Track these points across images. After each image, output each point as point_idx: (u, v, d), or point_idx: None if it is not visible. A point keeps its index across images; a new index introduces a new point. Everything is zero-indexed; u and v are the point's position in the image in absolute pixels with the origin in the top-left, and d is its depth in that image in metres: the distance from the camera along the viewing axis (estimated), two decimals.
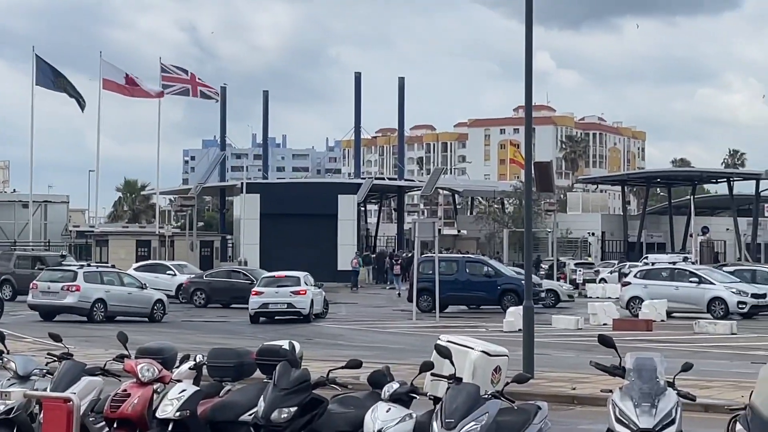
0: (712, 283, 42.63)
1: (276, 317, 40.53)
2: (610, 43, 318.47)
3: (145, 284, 42.09)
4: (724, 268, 48.60)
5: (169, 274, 52.66)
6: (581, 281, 64.81)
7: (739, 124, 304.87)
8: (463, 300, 46.49)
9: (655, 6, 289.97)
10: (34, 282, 40.13)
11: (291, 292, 40.55)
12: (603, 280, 64.26)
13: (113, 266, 46.34)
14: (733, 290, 42.28)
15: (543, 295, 46.32)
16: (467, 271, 46.68)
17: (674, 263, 50.10)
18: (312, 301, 40.80)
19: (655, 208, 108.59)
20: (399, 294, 57.93)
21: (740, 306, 41.79)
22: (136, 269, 51.53)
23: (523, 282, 42.66)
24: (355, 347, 29.36)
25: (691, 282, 42.88)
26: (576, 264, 72.75)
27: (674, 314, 41.40)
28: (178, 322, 40.07)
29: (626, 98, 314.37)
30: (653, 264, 53.47)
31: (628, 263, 68.11)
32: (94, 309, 38.90)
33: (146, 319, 39.85)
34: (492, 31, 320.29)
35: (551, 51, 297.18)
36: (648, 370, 9.86)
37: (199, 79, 78.46)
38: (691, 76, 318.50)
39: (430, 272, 43.20)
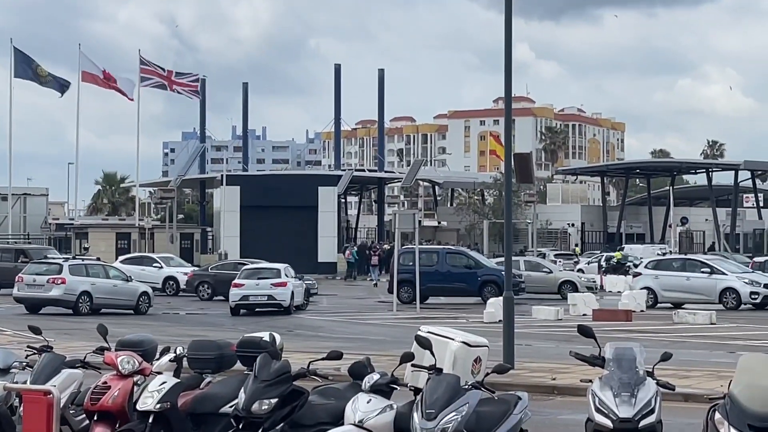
0: (724, 274, 42.46)
1: (257, 309, 40.51)
2: (590, 35, 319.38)
3: (130, 276, 42.12)
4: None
5: (155, 267, 52.55)
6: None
7: (718, 115, 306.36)
8: (443, 291, 46.47)
9: None
10: (20, 275, 40.11)
11: (271, 284, 40.59)
12: (581, 270, 64.41)
13: (98, 259, 46.29)
14: (746, 280, 42.21)
15: (522, 286, 46.10)
16: (447, 262, 46.76)
17: (663, 254, 50.29)
18: (292, 292, 40.81)
19: (634, 199, 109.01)
20: (376, 284, 57.99)
21: (753, 296, 41.77)
22: (122, 262, 51.40)
23: (503, 273, 43.18)
24: (336, 339, 29.36)
25: (702, 272, 42.62)
26: (555, 255, 72.91)
27: (685, 305, 40.81)
28: (159, 314, 40.03)
29: (606, 90, 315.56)
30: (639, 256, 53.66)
31: (605, 254, 68.43)
32: (80, 301, 38.97)
33: (131, 311, 39.85)
34: (472, 22, 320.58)
35: (531, 42, 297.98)
36: (627, 360, 9.87)
37: (176, 76, 78.30)
38: (670, 68, 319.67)
39: (411, 264, 43.26)
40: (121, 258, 54.97)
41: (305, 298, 43.30)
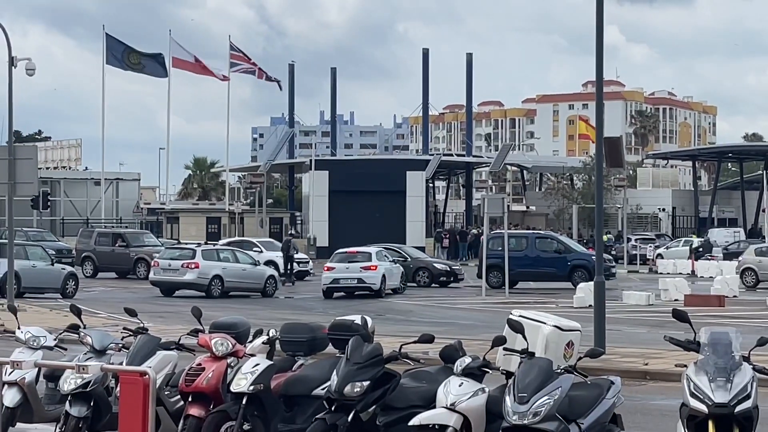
0: None
1: (347, 292, 41.04)
2: (681, 17, 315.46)
3: (258, 261, 43.84)
4: None
5: (255, 251, 53.06)
6: (653, 257, 64.53)
7: None
8: (532, 276, 46.17)
9: None
10: (156, 259, 42.12)
11: (361, 267, 41.19)
12: (659, 255, 63.79)
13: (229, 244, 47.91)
14: None
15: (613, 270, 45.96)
16: (537, 247, 46.59)
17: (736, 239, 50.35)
18: (384, 276, 41.23)
19: (726, 184, 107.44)
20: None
21: None
22: (223, 245, 52.10)
23: (593, 258, 43.03)
24: (426, 323, 29.39)
25: None
26: (637, 239, 72.11)
27: None
28: (251, 298, 40.38)
29: (697, 73, 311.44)
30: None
31: (696, 239, 67.55)
32: (212, 285, 40.31)
33: (260, 293, 41.33)
34: (560, 4, 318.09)
35: (621, 25, 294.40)
36: (723, 345, 9.77)
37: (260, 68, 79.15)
38: (764, 49, 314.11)
39: (500, 249, 43.18)
40: (222, 241, 55.50)
41: (402, 282, 43.61)
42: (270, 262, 52.17)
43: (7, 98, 33.48)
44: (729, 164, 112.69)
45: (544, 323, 11.40)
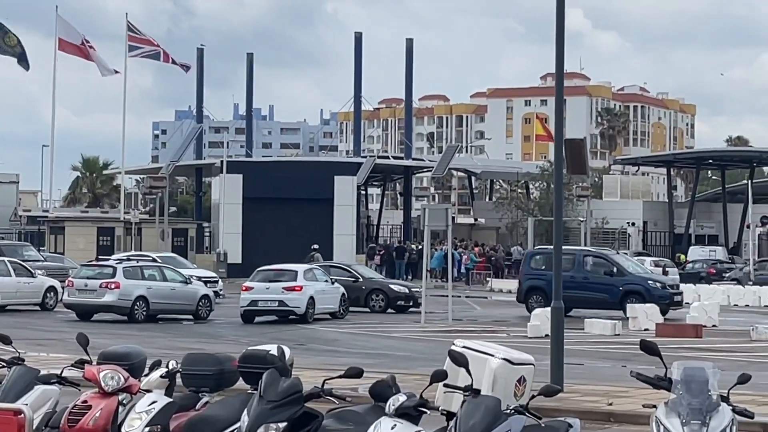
0: None
1: (266, 316, 41.35)
2: (657, 1, 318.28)
3: (189, 278, 43.71)
4: None
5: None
6: None
7: None
8: (578, 302, 43.15)
9: None
10: (70, 279, 41.97)
11: (283, 288, 41.09)
12: None
13: (154, 259, 48.17)
14: None
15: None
16: (585, 267, 45.66)
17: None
18: (311, 298, 41.31)
19: (706, 195, 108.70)
20: None
21: None
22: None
23: (650, 282, 43.57)
24: (355, 354, 29.42)
25: None
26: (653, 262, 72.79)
27: None
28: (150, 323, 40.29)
29: (674, 65, 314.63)
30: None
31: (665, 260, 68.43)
32: (136, 308, 40.24)
33: (191, 316, 41.63)
34: None
35: (586, 8, 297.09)
36: (698, 383, 9.88)
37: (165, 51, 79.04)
38: (750, 39, 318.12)
39: (543, 267, 43.43)
40: (115, 257, 55.19)
41: (343, 307, 43.71)
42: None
43: None
44: (709, 172, 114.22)
45: (492, 356, 11.46)
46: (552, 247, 46.28)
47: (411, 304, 47.19)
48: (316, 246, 66.14)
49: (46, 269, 49.53)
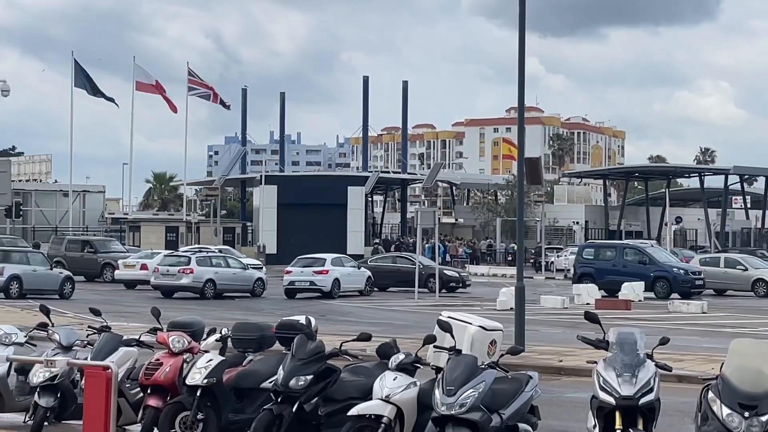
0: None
1: (305, 293, 42.26)
2: (595, 50, 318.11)
3: (247, 265, 44.54)
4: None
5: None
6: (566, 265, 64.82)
7: (711, 124, 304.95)
8: (617, 285, 41.62)
9: (640, 17, 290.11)
10: (156, 266, 42.30)
11: (314, 271, 42.13)
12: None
13: (220, 251, 48.31)
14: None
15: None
16: (625, 257, 44.12)
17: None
18: (336, 279, 42.14)
19: (633, 200, 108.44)
20: None
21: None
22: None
23: (674, 269, 42.78)
24: (364, 323, 29.30)
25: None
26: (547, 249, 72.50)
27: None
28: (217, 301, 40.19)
29: (608, 101, 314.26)
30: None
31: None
32: (206, 288, 40.75)
33: (249, 294, 41.95)
34: (486, 39, 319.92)
35: (540, 57, 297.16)
36: (629, 344, 9.86)
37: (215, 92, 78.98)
38: (667, 81, 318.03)
39: (591, 257, 42.76)
40: (182, 249, 55.02)
41: (369, 285, 43.92)
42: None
43: None
44: (636, 183, 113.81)
45: (470, 324, 11.45)
46: (598, 241, 45.09)
47: (460, 285, 46.06)
48: (377, 240, 65.97)
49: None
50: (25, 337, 13.66)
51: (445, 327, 10.98)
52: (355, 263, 44.94)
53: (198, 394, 11.68)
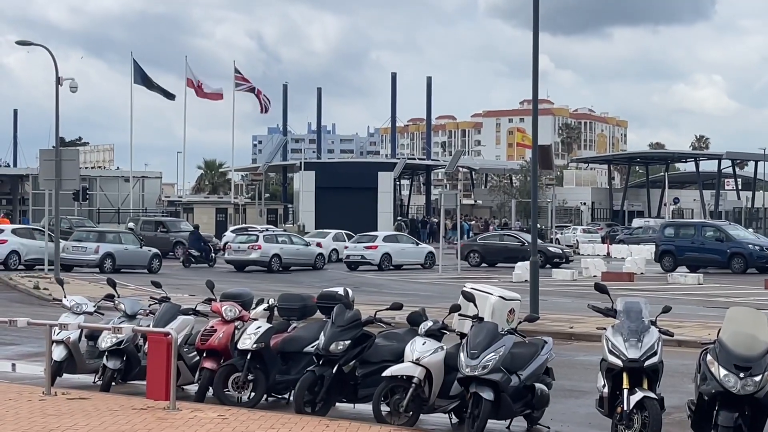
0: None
1: (357, 265, 42.85)
2: (600, 48, 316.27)
3: (308, 242, 44.83)
4: None
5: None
6: (575, 242, 64.62)
7: (705, 114, 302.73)
8: (697, 261, 40.48)
9: (642, 17, 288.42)
10: (229, 243, 42.95)
11: (364, 246, 43.00)
12: (557, 240, 64.05)
13: (285, 230, 48.11)
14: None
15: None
16: (702, 235, 41.42)
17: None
18: (386, 254, 42.81)
19: (635, 183, 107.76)
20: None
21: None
22: (232, 231, 51.95)
23: (750, 246, 40.16)
24: (395, 294, 29.23)
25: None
26: (557, 227, 71.82)
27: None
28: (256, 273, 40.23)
29: (612, 93, 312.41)
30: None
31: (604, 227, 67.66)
32: (272, 262, 41.16)
33: (311, 267, 42.38)
34: (502, 38, 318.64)
35: (551, 54, 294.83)
36: (635, 312, 9.81)
37: (259, 90, 78.93)
38: (666, 75, 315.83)
39: (672, 235, 41.33)
40: (231, 228, 55.34)
41: (429, 260, 43.84)
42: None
43: (54, 110, 33.27)
44: (637, 167, 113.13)
45: (491, 294, 11.45)
46: (678, 221, 42.60)
47: (564, 261, 43.61)
48: (400, 218, 65.86)
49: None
50: (94, 307, 13.76)
51: (469, 297, 10.98)
52: (414, 240, 44.68)
53: (248, 357, 11.75)
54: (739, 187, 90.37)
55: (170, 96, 74.78)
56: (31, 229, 41.39)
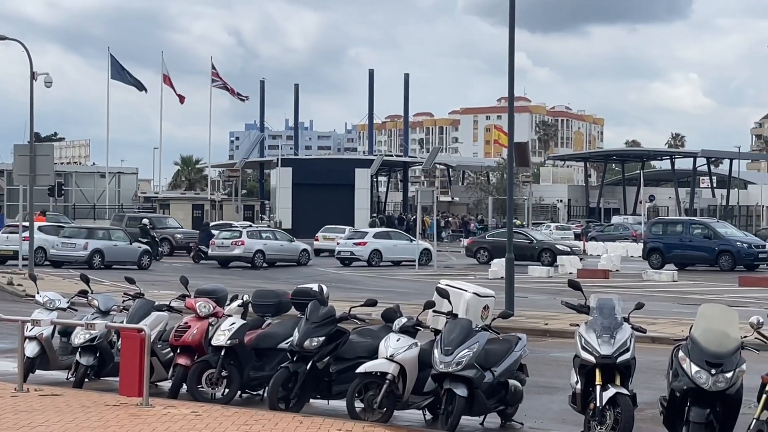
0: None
1: (349, 261, 43.29)
2: (577, 45, 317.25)
3: (293, 238, 44.87)
4: None
5: None
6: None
7: (681, 112, 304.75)
8: (684, 259, 40.53)
9: (620, 16, 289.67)
10: (213, 239, 42.45)
11: (353, 243, 43.36)
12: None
13: (269, 225, 48.01)
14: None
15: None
16: (690, 232, 41.20)
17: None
18: (376, 251, 42.99)
19: (611, 180, 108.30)
20: None
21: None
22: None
23: (738, 243, 39.89)
24: (370, 290, 29.30)
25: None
26: (533, 224, 72.03)
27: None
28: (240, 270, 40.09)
29: (589, 91, 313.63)
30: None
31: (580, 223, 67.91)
32: (256, 258, 41.08)
33: (295, 263, 42.19)
34: (480, 36, 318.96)
35: (528, 51, 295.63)
36: (608, 308, 9.85)
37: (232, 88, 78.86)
38: (643, 73, 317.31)
39: (660, 233, 40.97)
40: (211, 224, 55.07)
41: (425, 257, 42.91)
42: None
43: (29, 106, 33.04)
44: (613, 165, 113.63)
45: (466, 291, 11.44)
46: (666, 218, 42.51)
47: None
48: (374, 215, 65.85)
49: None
50: (68, 303, 13.68)
51: (443, 293, 10.99)
52: (408, 237, 44.84)
53: (222, 353, 11.72)
54: (714, 185, 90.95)
55: (141, 87, 74.37)
56: (57, 226, 42.26)
